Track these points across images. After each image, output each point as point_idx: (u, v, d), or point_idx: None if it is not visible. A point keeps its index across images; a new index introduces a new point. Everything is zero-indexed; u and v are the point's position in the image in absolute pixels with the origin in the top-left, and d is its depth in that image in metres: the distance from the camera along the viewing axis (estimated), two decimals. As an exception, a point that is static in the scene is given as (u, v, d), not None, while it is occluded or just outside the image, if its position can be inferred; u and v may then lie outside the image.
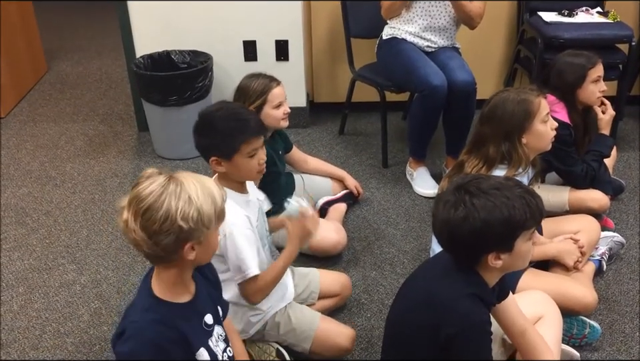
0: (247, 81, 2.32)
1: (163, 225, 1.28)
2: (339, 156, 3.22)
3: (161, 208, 1.28)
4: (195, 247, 1.33)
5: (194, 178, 1.35)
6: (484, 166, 2.01)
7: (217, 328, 1.48)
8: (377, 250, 2.52)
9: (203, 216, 1.30)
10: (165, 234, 1.29)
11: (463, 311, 1.43)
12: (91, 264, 2.46)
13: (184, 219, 1.28)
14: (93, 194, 2.93)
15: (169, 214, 1.28)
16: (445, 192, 1.46)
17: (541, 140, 2.01)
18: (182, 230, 1.28)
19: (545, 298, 1.88)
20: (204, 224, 1.31)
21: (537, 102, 1.98)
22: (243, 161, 1.80)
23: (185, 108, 3.08)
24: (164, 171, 1.35)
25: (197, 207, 1.30)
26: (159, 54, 3.23)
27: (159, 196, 1.29)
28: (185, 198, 1.29)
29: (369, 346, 2.06)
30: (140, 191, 1.30)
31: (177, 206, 1.28)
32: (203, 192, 1.32)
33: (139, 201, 1.29)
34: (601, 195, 2.43)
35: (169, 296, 1.38)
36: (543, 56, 3.03)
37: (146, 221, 1.28)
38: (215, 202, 1.34)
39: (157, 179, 1.31)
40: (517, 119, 1.99)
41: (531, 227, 1.44)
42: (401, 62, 2.84)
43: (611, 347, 2.02)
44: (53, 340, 2.10)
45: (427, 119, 2.81)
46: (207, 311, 1.46)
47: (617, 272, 2.35)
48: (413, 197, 2.87)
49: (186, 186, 1.31)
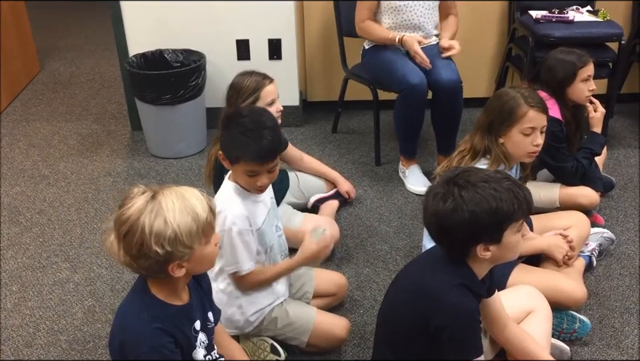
0: (239, 78, 2.31)
1: (140, 249, 1.28)
2: (332, 154, 3.24)
3: (137, 232, 1.27)
4: (183, 264, 1.33)
5: (176, 195, 1.32)
6: (468, 155, 2.04)
7: (201, 335, 1.49)
8: (370, 247, 2.54)
9: (182, 237, 1.29)
10: (144, 257, 1.29)
11: (452, 302, 1.46)
12: (85, 262, 2.47)
13: (158, 243, 1.27)
14: (86, 193, 2.93)
15: (144, 239, 1.27)
16: (435, 185, 1.50)
17: (516, 149, 2.02)
18: (158, 254, 1.27)
19: (535, 293, 1.91)
20: (184, 245, 1.30)
21: (523, 111, 1.98)
22: (241, 174, 1.79)
23: (178, 107, 3.08)
24: (149, 188, 1.33)
25: (172, 229, 1.28)
26: (152, 53, 3.24)
27: (135, 221, 1.28)
28: (160, 222, 1.27)
29: (362, 341, 2.07)
30: (121, 214, 1.30)
31: (151, 231, 1.27)
32: (181, 211, 1.29)
33: (119, 224, 1.30)
34: (591, 192, 2.45)
35: (166, 298, 1.40)
36: (533, 54, 3.05)
37: (127, 245, 1.29)
38: (196, 219, 1.31)
39: (138, 201, 1.30)
40: (499, 117, 2.02)
41: (519, 219, 1.47)
42: (382, 65, 2.87)
43: (601, 341, 2.04)
44: (46, 337, 2.11)
45: (410, 118, 2.83)
46: (197, 317, 1.48)
47: (607, 268, 2.37)
48: (405, 194, 2.89)
49: (163, 207, 1.29)
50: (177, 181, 3.02)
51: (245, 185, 1.82)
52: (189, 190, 1.35)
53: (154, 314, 1.36)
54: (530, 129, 1.99)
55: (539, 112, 1.99)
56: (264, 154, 1.75)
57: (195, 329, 1.46)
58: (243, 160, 1.75)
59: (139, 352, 1.32)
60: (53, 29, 5.28)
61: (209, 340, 1.51)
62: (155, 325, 1.34)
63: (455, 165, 2.05)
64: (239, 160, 1.76)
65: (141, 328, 1.34)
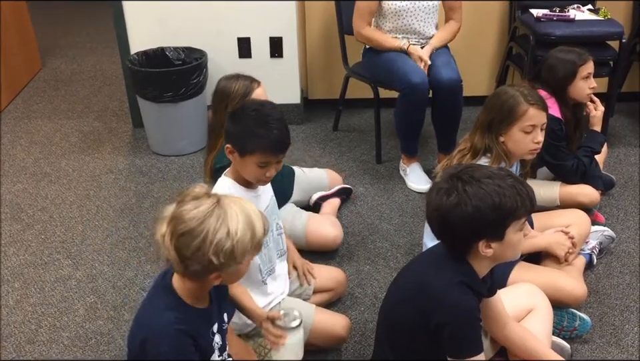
0: (226, 83, 2.21)
1: (195, 254, 1.28)
2: (333, 152, 3.24)
3: (198, 237, 1.27)
4: (222, 275, 1.34)
5: (239, 207, 1.32)
6: (469, 153, 2.05)
7: (217, 337, 1.50)
8: (371, 244, 2.54)
9: (237, 252, 1.29)
10: (197, 262, 1.29)
11: (452, 299, 1.46)
12: (87, 259, 2.48)
13: (216, 254, 1.27)
14: (88, 190, 2.94)
15: (203, 245, 1.27)
16: (439, 181, 1.50)
17: (517, 147, 2.02)
18: (212, 262, 1.28)
19: (535, 291, 1.91)
20: (235, 260, 1.30)
21: (523, 109, 1.98)
22: (252, 165, 1.79)
23: (180, 105, 3.09)
24: (212, 194, 1.33)
25: (232, 243, 1.28)
26: (154, 51, 3.24)
27: (199, 224, 1.27)
28: (223, 232, 1.27)
29: (363, 338, 2.08)
30: (183, 212, 1.29)
31: (213, 240, 1.27)
32: (244, 226, 1.30)
33: (179, 222, 1.29)
34: (591, 190, 2.46)
35: (189, 300, 1.40)
36: (534, 53, 3.06)
37: (181, 244, 1.28)
38: (254, 235, 1.32)
39: (203, 204, 1.30)
40: (499, 116, 2.03)
41: (522, 216, 1.47)
42: (383, 64, 2.88)
43: (601, 339, 2.05)
44: (48, 334, 2.12)
45: (411, 117, 2.83)
46: (214, 321, 1.49)
47: (608, 266, 2.38)
48: (406, 192, 2.90)
49: (228, 218, 1.29)
50: (178, 179, 3.02)
51: (253, 177, 1.83)
52: (250, 205, 1.36)
53: (177, 315, 1.36)
54: (531, 127, 1.99)
55: (539, 110, 2.00)
56: (279, 145, 1.79)
57: (212, 332, 1.47)
58: (259, 151, 1.76)
59: (159, 351, 1.32)
60: (54, 27, 5.29)
61: (223, 341, 1.52)
62: (177, 326, 1.34)
63: (456, 163, 2.05)
64: (254, 151, 1.76)
65: (163, 328, 1.34)
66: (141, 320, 1.41)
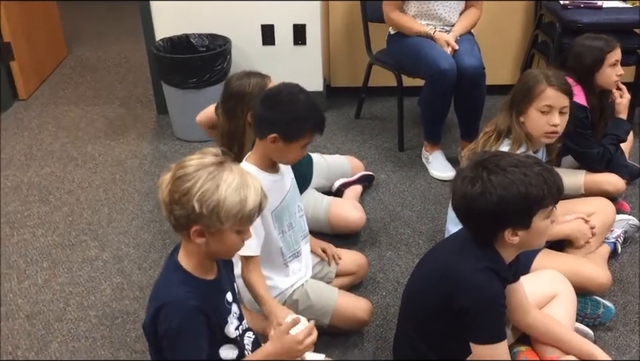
0: (238, 84, 2.12)
1: (181, 198, 1.31)
2: (355, 140, 3.25)
3: (188, 182, 1.31)
4: (206, 235, 1.35)
5: (240, 176, 1.34)
6: (493, 135, 2.05)
7: (234, 306, 1.52)
8: (393, 230, 2.55)
9: (220, 210, 1.31)
10: (181, 206, 1.32)
11: (477, 284, 1.46)
12: (113, 241, 2.52)
13: (199, 201, 1.30)
14: (113, 174, 2.98)
15: (191, 190, 1.31)
16: (465, 168, 1.50)
17: (533, 128, 2.01)
18: (194, 210, 1.30)
19: (559, 277, 1.91)
20: (218, 218, 1.31)
21: (541, 88, 1.97)
22: (296, 149, 1.80)
23: (204, 91, 3.12)
24: (225, 156, 1.37)
25: (218, 198, 1.30)
26: (178, 38, 3.27)
27: (194, 171, 1.32)
28: (213, 185, 1.30)
29: (385, 322, 2.09)
30: (186, 160, 1.35)
31: (201, 188, 1.30)
32: (236, 189, 1.32)
33: (179, 167, 1.34)
34: (616, 178, 2.43)
35: (197, 272, 1.42)
36: (560, 40, 3.03)
37: (174, 187, 1.33)
38: (243, 205, 1.33)
39: (208, 158, 1.34)
40: (520, 95, 2.03)
41: (549, 205, 1.47)
42: (409, 50, 2.87)
43: (625, 327, 2.04)
44: (76, 312, 2.16)
45: (437, 103, 2.83)
46: (227, 289, 1.51)
47: (632, 255, 2.36)
48: (428, 180, 2.90)
49: (224, 175, 1.32)
50: (202, 164, 3.05)
51: (293, 159, 1.86)
52: (255, 181, 1.38)
53: (188, 289, 1.38)
54: (547, 107, 1.97)
55: (558, 92, 1.97)
56: (324, 124, 1.83)
57: (227, 301, 1.49)
58: (309, 134, 1.79)
59: (170, 326, 1.35)
60: (80, 15, 5.34)
61: (240, 311, 1.55)
62: (191, 303, 1.36)
63: (481, 146, 2.05)
64: (304, 135, 1.78)
65: (176, 303, 1.36)
66: (153, 296, 1.44)
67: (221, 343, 1.47)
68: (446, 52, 2.74)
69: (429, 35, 2.82)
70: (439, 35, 2.81)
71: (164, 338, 1.36)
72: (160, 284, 1.46)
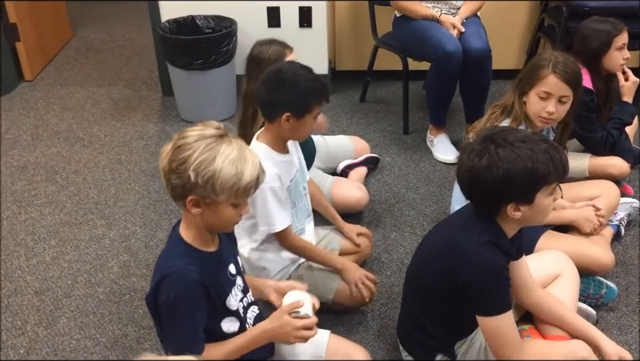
0: (259, 49, 2.23)
1: (179, 167, 1.33)
2: (360, 122, 3.26)
3: (186, 151, 1.33)
4: (202, 206, 1.36)
5: (239, 149, 1.35)
6: (499, 111, 2.07)
7: (238, 279, 1.54)
8: (397, 212, 2.57)
9: (216, 181, 1.32)
10: (177, 175, 1.34)
11: (480, 258, 1.48)
12: (120, 220, 2.54)
13: (195, 171, 1.31)
14: (119, 155, 3.00)
15: (187, 160, 1.32)
16: (472, 142, 1.51)
17: (530, 110, 2.02)
18: (189, 179, 1.32)
19: (562, 257, 1.92)
20: (213, 189, 1.33)
21: (544, 74, 1.98)
22: (309, 122, 1.84)
23: (210, 72, 3.12)
24: (228, 130, 1.38)
25: (214, 169, 1.31)
26: (184, 19, 3.27)
27: (193, 141, 1.33)
28: (209, 156, 1.32)
29: (389, 301, 2.12)
30: (188, 130, 1.36)
31: (197, 158, 1.32)
32: (233, 162, 1.33)
33: (180, 137, 1.36)
34: (621, 162, 2.45)
35: (197, 244, 1.44)
36: (567, 24, 3.03)
37: (173, 155, 1.35)
38: (239, 177, 1.33)
39: (209, 130, 1.35)
40: (526, 75, 2.04)
41: (553, 181, 1.48)
42: (415, 33, 2.87)
43: (627, 307, 2.06)
44: (84, 289, 2.19)
45: (443, 86, 2.83)
46: (230, 261, 1.52)
47: (635, 238, 2.38)
48: (432, 163, 2.91)
49: (222, 147, 1.33)
50: (207, 145, 3.06)
51: (306, 133, 1.89)
52: (253, 155, 1.39)
53: (189, 261, 1.40)
54: (545, 94, 1.98)
55: (560, 81, 1.96)
56: (328, 91, 1.88)
57: (230, 273, 1.51)
58: (317, 104, 1.83)
59: (168, 296, 1.37)
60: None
61: (245, 283, 1.57)
62: (191, 275, 1.38)
63: (485, 121, 2.07)
64: (312, 106, 1.82)
65: (176, 274, 1.38)
66: (156, 269, 1.46)
67: (222, 315, 1.48)
68: (452, 34, 2.74)
69: (435, 18, 2.82)
70: (445, 18, 2.81)
71: (162, 308, 1.38)
72: (162, 257, 1.48)
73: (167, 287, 1.37)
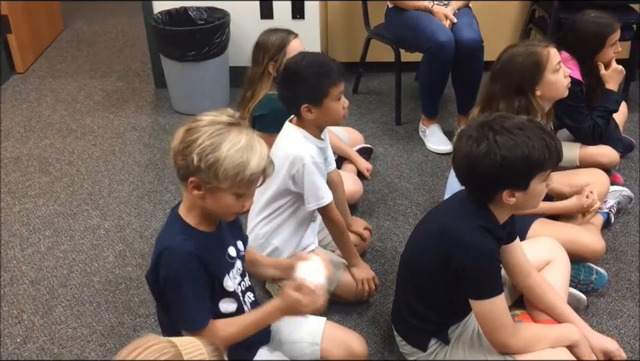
0: (264, 36, 2.37)
1: (185, 149, 1.35)
2: (353, 113, 3.27)
3: (195, 134, 1.34)
4: (203, 189, 1.37)
5: (247, 139, 1.35)
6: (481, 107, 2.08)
7: (238, 262, 1.55)
8: (391, 202, 2.59)
9: (219, 167, 1.33)
10: (183, 156, 1.35)
11: (473, 242, 1.51)
12: (114, 210, 2.55)
13: (198, 155, 1.33)
14: (113, 146, 3.00)
15: (194, 143, 1.34)
16: (469, 128, 1.53)
17: (555, 89, 2.04)
18: (192, 162, 1.33)
19: (554, 244, 1.95)
20: (216, 175, 1.33)
21: (545, 53, 2.00)
22: (332, 105, 1.86)
23: (203, 64, 3.13)
24: (241, 120, 1.40)
25: (219, 156, 1.32)
26: (177, 11, 3.26)
27: (204, 126, 1.35)
28: (216, 142, 1.33)
29: (383, 288, 2.14)
30: (203, 114, 1.38)
31: (203, 143, 1.33)
32: (239, 152, 1.33)
33: (194, 120, 1.38)
34: (611, 150, 2.47)
35: (195, 224, 1.45)
36: (558, 15, 3.05)
37: (184, 137, 1.37)
38: (243, 168, 1.34)
39: (222, 117, 1.37)
40: (528, 73, 2.03)
41: (548, 168, 1.51)
42: (407, 24, 2.89)
43: (617, 293, 2.10)
44: (80, 278, 2.20)
45: (435, 76, 2.85)
46: (229, 244, 1.53)
47: (625, 225, 2.42)
48: (425, 153, 2.93)
49: (230, 135, 1.34)
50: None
51: (338, 116, 1.90)
52: (263, 147, 1.39)
53: (185, 237, 1.41)
54: (559, 64, 2.02)
55: (554, 48, 2.03)
56: (340, 70, 1.89)
57: (230, 255, 1.52)
58: (332, 86, 1.84)
59: (169, 271, 1.39)
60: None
61: (243, 267, 1.58)
62: (187, 248, 1.39)
63: None
64: (328, 88, 1.83)
65: (174, 248, 1.39)
66: (155, 247, 1.47)
67: (220, 296, 1.50)
68: (444, 25, 2.76)
69: (427, 9, 2.84)
70: (437, 9, 2.83)
71: (165, 283, 1.40)
72: (161, 234, 1.50)
73: (166, 261, 1.39)
